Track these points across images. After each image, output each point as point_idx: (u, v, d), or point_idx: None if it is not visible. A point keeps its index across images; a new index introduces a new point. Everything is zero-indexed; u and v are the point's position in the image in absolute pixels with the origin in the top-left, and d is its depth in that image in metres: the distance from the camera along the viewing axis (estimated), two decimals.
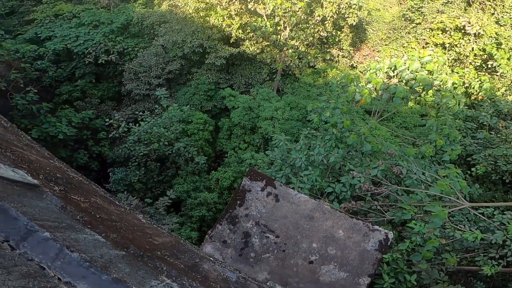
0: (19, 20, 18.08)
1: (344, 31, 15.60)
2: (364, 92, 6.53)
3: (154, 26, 15.24)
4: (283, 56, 14.03)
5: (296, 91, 14.45)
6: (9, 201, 1.56)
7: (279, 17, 12.76)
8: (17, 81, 10.96)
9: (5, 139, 3.01)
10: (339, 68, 16.00)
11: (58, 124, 10.86)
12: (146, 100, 13.92)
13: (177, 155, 10.40)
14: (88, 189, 3.06)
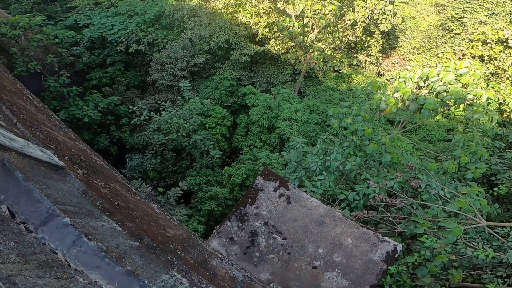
0: (62, 7, 19.05)
1: (374, 37, 15.25)
2: (390, 101, 6.33)
3: (184, 19, 15.52)
4: (308, 58, 13.87)
5: (317, 94, 14.32)
6: (34, 182, 1.63)
7: (308, 18, 12.57)
8: (52, 64, 11.53)
9: (36, 118, 3.19)
10: (365, 74, 15.70)
11: (85, 107, 11.37)
12: (169, 90, 14.27)
13: (194, 147, 10.58)
14: (108, 175, 3.19)
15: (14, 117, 2.50)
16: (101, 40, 14.87)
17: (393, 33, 16.59)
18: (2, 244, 0.99)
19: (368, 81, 14.10)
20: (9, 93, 3.39)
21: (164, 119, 10.21)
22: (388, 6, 12.78)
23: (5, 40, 10.91)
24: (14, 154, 1.72)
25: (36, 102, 3.80)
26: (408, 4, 18.34)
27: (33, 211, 1.49)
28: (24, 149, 1.85)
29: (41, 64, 11.31)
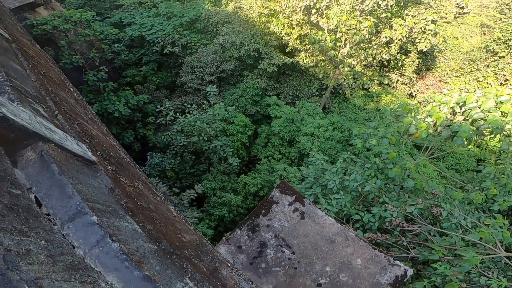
0: (110, 4, 20.13)
1: (410, 56, 14.78)
2: (421, 125, 6.12)
3: (218, 25, 15.99)
4: (337, 74, 13.70)
5: (343, 111, 14.11)
6: (68, 177, 1.70)
7: (342, 33, 12.38)
8: (94, 59, 12.19)
9: (75, 111, 3.38)
10: (395, 95, 15.26)
11: (117, 103, 11.92)
12: (196, 94, 14.65)
13: (213, 152, 10.77)
14: (133, 173, 3.30)
15: (56, 108, 2.67)
16: (140, 39, 15.58)
17: (431, 53, 15.96)
18: (33, 242, 1.01)
19: (399, 103, 13.69)
20: (54, 84, 3.65)
21: (188, 121, 10.49)
22: (429, 25, 12.26)
23: (56, 33, 11.55)
24: (53, 146, 1.82)
25: (76, 95, 4.05)
26: (451, 24, 17.60)
27: (62, 206, 1.53)
28: (63, 141, 1.96)
29: (84, 58, 11.98)
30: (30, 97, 2.43)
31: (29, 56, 3.94)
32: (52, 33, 11.36)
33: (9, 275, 0.83)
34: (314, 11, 12.61)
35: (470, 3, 18.22)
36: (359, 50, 13.08)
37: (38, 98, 2.57)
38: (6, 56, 3.18)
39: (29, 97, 2.40)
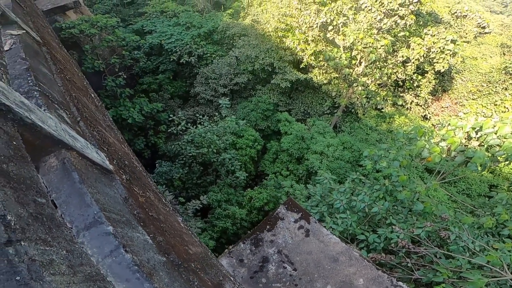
0: (134, 11, 20.94)
1: (426, 77, 14.56)
2: (434, 150, 6.05)
3: (234, 37, 16.37)
4: (350, 92, 13.65)
5: (354, 131, 14.05)
6: (87, 186, 1.77)
7: (357, 51, 12.27)
8: (114, 65, 12.53)
9: (95, 117, 3.51)
10: (409, 116, 15.07)
11: (132, 109, 12.18)
12: (209, 105, 14.87)
13: (221, 165, 10.86)
14: (145, 182, 3.36)
15: (78, 115, 2.78)
16: (159, 47, 15.99)
17: (448, 73, 15.63)
18: (56, 252, 1.04)
19: (412, 125, 13.51)
20: (77, 89, 3.80)
21: (198, 132, 10.65)
22: (448, 45, 11.94)
23: (82, 37, 11.91)
24: (75, 154, 1.90)
25: (96, 101, 4.20)
26: (470, 44, 17.26)
27: (80, 214, 1.58)
28: (84, 149, 2.04)
29: (105, 64, 12.32)
30: (56, 103, 2.55)
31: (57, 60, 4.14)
32: (78, 37, 11.74)
33: (32, 285, 0.86)
34: (331, 28, 12.66)
35: (492, 22, 17.87)
36: (374, 69, 12.93)
37: (63, 104, 2.69)
38: (36, 59, 3.36)
39: (55, 103, 2.52)
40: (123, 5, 21.56)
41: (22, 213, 1.04)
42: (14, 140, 1.42)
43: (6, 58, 2.84)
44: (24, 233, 0.97)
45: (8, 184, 1.11)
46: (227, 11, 20.51)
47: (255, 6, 18.52)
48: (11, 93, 1.58)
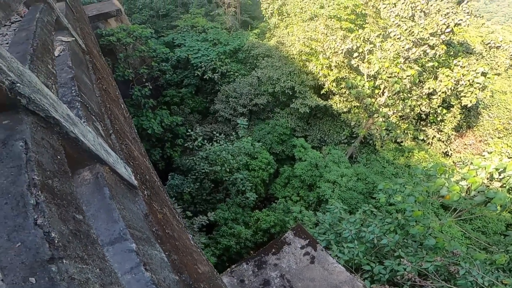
0: (167, 23, 21.96)
1: (452, 111, 13.98)
2: (454, 188, 5.94)
3: (258, 57, 16.78)
4: (369, 123, 13.44)
5: (370, 163, 13.85)
6: (116, 202, 1.85)
7: (382, 80, 11.89)
8: (142, 75, 13.00)
9: (123, 129, 3.67)
10: (429, 152, 14.60)
11: (153, 120, 12.55)
12: (226, 123, 15.08)
13: (232, 184, 10.97)
14: (162, 198, 3.44)
15: (111, 127, 2.94)
16: (186, 61, 16.53)
17: (475, 109, 15.04)
18: (91, 270, 1.08)
19: (432, 161, 13.11)
20: (111, 100, 4.02)
21: (214, 150, 10.87)
22: (478, 77, 11.21)
23: (118, 45, 12.43)
24: (107, 169, 2.00)
25: (125, 111, 4.41)
26: (501, 76, 16.48)
27: (107, 229, 1.65)
28: (115, 164, 2.14)
29: (134, 73, 12.80)
30: (93, 114, 2.71)
31: (96, 69, 4.41)
32: (115, 44, 12.29)
33: None
34: (356, 54, 12.47)
35: None
36: (398, 100, 12.50)
37: (98, 116, 2.85)
38: (80, 68, 3.61)
39: (92, 114, 2.68)
40: (158, 16, 22.71)
41: (64, 230, 1.10)
42: (58, 154, 1.50)
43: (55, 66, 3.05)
44: (65, 251, 1.02)
45: (53, 201, 1.18)
46: (254, 31, 21.28)
47: (281, 28, 19.06)
48: (59, 106, 1.64)
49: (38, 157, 1.22)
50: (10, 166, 1.12)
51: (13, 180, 1.07)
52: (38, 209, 1.02)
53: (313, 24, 15.31)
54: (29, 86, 1.34)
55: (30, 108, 1.31)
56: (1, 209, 0.98)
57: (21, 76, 1.32)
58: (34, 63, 2.19)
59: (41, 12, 3.47)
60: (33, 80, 1.44)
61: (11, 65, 1.29)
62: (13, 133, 1.22)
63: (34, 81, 1.45)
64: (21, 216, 0.97)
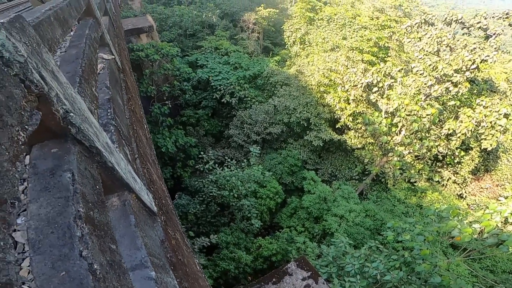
0: (193, 43, 22.89)
1: (470, 154, 13.72)
2: (466, 230, 5.87)
3: (276, 85, 17.07)
4: (383, 161, 13.23)
5: (380, 201, 13.68)
6: (139, 229, 1.98)
7: (400, 118, 11.59)
8: (163, 93, 13.39)
9: (145, 152, 3.87)
10: (443, 193, 14.21)
11: (168, 139, 12.84)
12: (239, 150, 15.20)
13: (238, 210, 11.03)
14: (174, 222, 3.55)
15: (137, 152, 3.13)
16: (206, 82, 17.00)
17: (494, 152, 14.73)
18: None
19: (445, 202, 12.72)
20: (137, 121, 4.26)
21: (224, 175, 11.05)
22: (501, 119, 10.84)
23: (145, 61, 12.88)
24: (134, 197, 2.15)
25: (147, 132, 4.65)
26: None
27: (129, 255, 1.77)
28: (140, 192, 2.30)
29: (156, 90, 13.22)
30: (124, 138, 2.92)
31: (128, 88, 4.69)
32: (143, 60, 12.76)
33: None
34: (375, 89, 12.35)
35: None
36: (415, 140, 12.16)
37: (127, 139, 3.06)
38: (115, 88, 3.85)
39: (123, 138, 2.89)
40: (185, 36, 23.81)
41: (103, 261, 1.22)
42: (97, 184, 1.63)
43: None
44: (105, 282, 1.13)
45: (94, 232, 1.30)
46: (274, 58, 21.90)
47: (302, 56, 19.48)
48: (101, 134, 1.74)
49: (82, 189, 1.29)
50: (57, 197, 1.18)
51: (60, 211, 1.13)
52: (83, 241, 1.10)
53: (334, 55, 15.50)
54: (79, 114, 1.39)
55: (78, 137, 1.37)
56: (47, 237, 1.03)
57: (73, 103, 1.37)
58: (82, 86, 2.28)
59: (90, 29, 3.63)
60: (82, 107, 1.50)
61: (66, 92, 1.35)
62: (61, 163, 1.28)
63: (83, 108, 1.50)
64: (67, 247, 1.03)
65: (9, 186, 0.83)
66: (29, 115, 1.08)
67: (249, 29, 26.34)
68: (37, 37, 1.22)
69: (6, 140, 0.86)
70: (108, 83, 3.51)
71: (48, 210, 1.11)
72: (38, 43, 1.21)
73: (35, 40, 1.19)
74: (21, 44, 1.04)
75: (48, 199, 1.15)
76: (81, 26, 3.70)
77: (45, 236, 1.03)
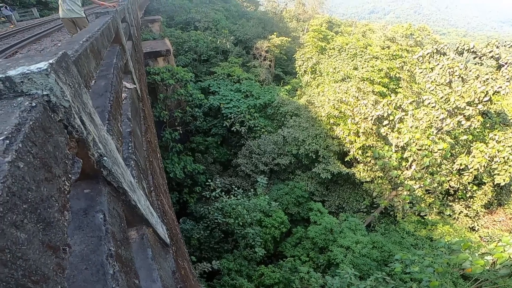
0: (206, 69, 23.56)
1: (483, 189, 13.53)
2: (478, 262, 5.71)
3: (286, 115, 17.35)
4: (393, 194, 13.04)
5: (389, 233, 13.44)
6: (156, 262, 2.15)
7: (411, 153, 11.43)
8: (175, 118, 13.65)
9: (159, 183, 4.08)
10: (454, 226, 13.83)
11: (177, 165, 13.05)
12: (246, 179, 15.28)
13: (243, 237, 11.07)
14: (183, 251, 3.69)
15: (152, 184, 3.37)
16: (217, 109, 17.36)
17: (508, 186, 14.44)
18: None
19: (456, 235, 12.29)
20: (152, 151, 4.51)
21: (230, 203, 11.18)
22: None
23: (160, 85, 13.16)
24: (151, 231, 2.36)
25: (160, 162, 4.91)
26: None
27: (145, 287, 1.94)
28: (156, 225, 2.50)
29: (169, 115, 13.48)
30: (142, 172, 3.16)
31: (145, 118, 4.92)
32: (158, 84, 13.06)
33: None
34: (386, 122, 12.28)
35: None
36: (426, 174, 11.94)
37: (144, 172, 3.31)
38: (135, 120, 4.00)
39: (141, 172, 3.13)
40: (200, 61, 24.71)
41: None
42: (122, 221, 1.83)
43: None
44: None
45: (123, 269, 1.49)
46: (285, 87, 22.39)
47: (312, 86, 19.86)
48: (126, 173, 1.87)
49: (112, 228, 1.40)
50: (90, 236, 1.24)
51: (93, 249, 1.20)
52: (115, 278, 1.21)
53: (344, 86, 15.64)
54: (110, 157, 1.42)
55: (108, 179, 1.44)
56: (81, 273, 1.07)
57: (105, 145, 1.41)
58: (111, 123, 2.34)
59: (117, 57, 3.72)
60: (112, 148, 1.54)
61: (100, 134, 1.39)
62: (93, 204, 1.35)
63: (113, 149, 1.55)
64: (100, 283, 1.08)
65: (60, 234, 0.88)
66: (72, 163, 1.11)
67: (261, 57, 27.32)
68: (78, 76, 1.25)
69: (56, 192, 0.90)
70: (129, 114, 3.60)
71: (82, 247, 1.17)
72: (79, 83, 1.24)
73: (77, 80, 1.22)
74: (66, 86, 1.06)
75: (82, 237, 1.22)
76: (109, 53, 3.75)
77: (79, 272, 1.08)
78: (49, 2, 22.59)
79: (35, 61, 0.99)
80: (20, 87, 0.91)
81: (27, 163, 0.76)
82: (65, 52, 1.12)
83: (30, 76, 0.91)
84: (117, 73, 3.40)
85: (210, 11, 33.64)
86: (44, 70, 0.92)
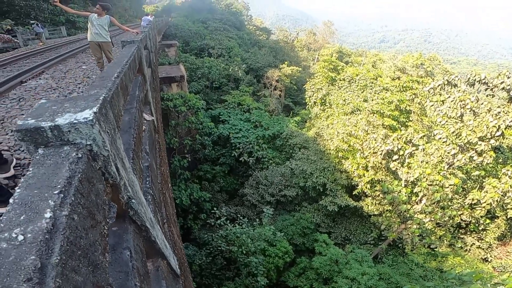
0: (218, 96, 23.89)
1: (496, 222, 13.30)
2: None
3: (295, 147, 17.38)
4: (401, 227, 12.83)
5: (396, 265, 13.10)
6: None
7: (421, 188, 11.31)
8: (185, 145, 13.84)
9: (170, 213, 4.29)
10: (466, 258, 13.37)
11: (183, 192, 13.21)
12: (252, 209, 15.31)
13: (245, 266, 11.03)
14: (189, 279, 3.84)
15: (165, 216, 3.62)
16: (226, 139, 17.49)
17: None
18: None
19: (468, 266, 11.79)
20: (165, 182, 4.76)
21: (234, 231, 11.28)
22: None
23: (172, 111, 13.35)
24: (165, 263, 2.60)
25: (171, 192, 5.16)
26: None
27: None
28: (169, 258, 2.74)
29: (179, 142, 13.69)
30: (156, 205, 3.42)
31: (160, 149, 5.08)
32: (170, 110, 13.28)
33: None
34: (396, 157, 12.20)
35: None
36: (436, 208, 11.76)
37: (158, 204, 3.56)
38: (152, 152, 4.03)
39: (156, 205, 3.39)
40: (211, 88, 25.25)
41: None
42: (143, 256, 2.08)
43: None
44: None
45: None
46: (295, 118, 22.55)
47: (321, 118, 20.05)
48: (147, 211, 2.04)
49: (137, 264, 1.53)
50: (118, 270, 1.33)
51: (121, 284, 1.29)
52: None
53: (354, 119, 15.76)
54: (136, 198, 1.49)
55: (133, 218, 1.55)
56: None
57: (132, 187, 1.47)
58: (134, 161, 2.52)
59: (139, 88, 3.81)
60: (137, 188, 1.61)
61: (129, 177, 1.45)
62: (120, 241, 1.44)
63: (138, 189, 1.63)
64: None
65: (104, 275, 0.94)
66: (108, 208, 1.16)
67: (272, 86, 28.05)
68: (114, 122, 1.27)
69: (99, 236, 0.94)
70: (147, 148, 3.73)
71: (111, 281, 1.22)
72: (115, 129, 1.26)
73: (113, 125, 1.23)
74: (106, 135, 1.08)
75: (110, 271, 1.27)
76: (132, 84, 3.78)
77: None
78: (77, 21, 23.75)
79: (80, 107, 1.03)
80: (67, 136, 0.95)
81: (78, 213, 0.83)
82: (106, 98, 1.18)
83: (77, 126, 0.95)
84: (139, 106, 3.55)
85: (224, 38, 34.99)
86: (90, 120, 0.96)
